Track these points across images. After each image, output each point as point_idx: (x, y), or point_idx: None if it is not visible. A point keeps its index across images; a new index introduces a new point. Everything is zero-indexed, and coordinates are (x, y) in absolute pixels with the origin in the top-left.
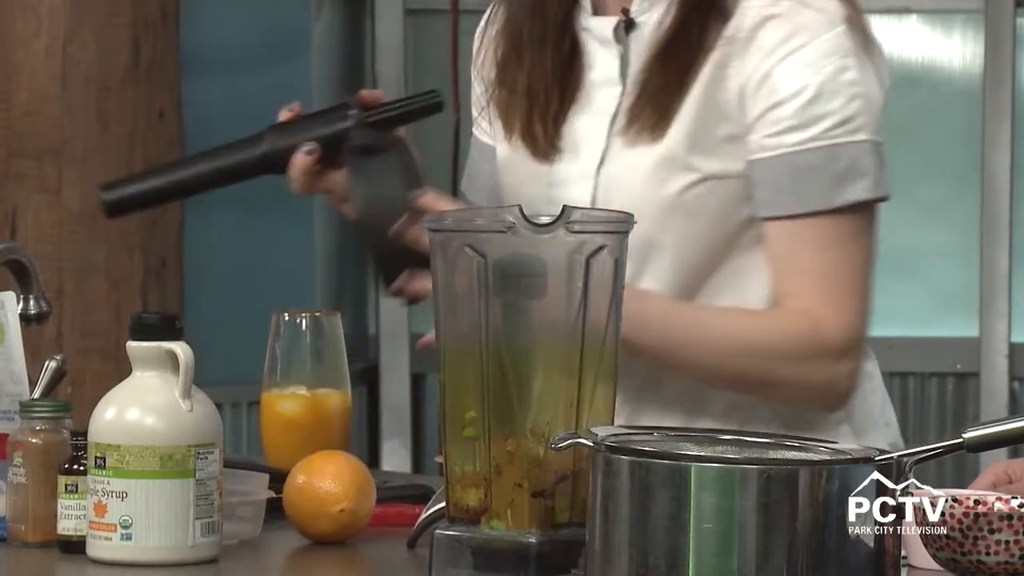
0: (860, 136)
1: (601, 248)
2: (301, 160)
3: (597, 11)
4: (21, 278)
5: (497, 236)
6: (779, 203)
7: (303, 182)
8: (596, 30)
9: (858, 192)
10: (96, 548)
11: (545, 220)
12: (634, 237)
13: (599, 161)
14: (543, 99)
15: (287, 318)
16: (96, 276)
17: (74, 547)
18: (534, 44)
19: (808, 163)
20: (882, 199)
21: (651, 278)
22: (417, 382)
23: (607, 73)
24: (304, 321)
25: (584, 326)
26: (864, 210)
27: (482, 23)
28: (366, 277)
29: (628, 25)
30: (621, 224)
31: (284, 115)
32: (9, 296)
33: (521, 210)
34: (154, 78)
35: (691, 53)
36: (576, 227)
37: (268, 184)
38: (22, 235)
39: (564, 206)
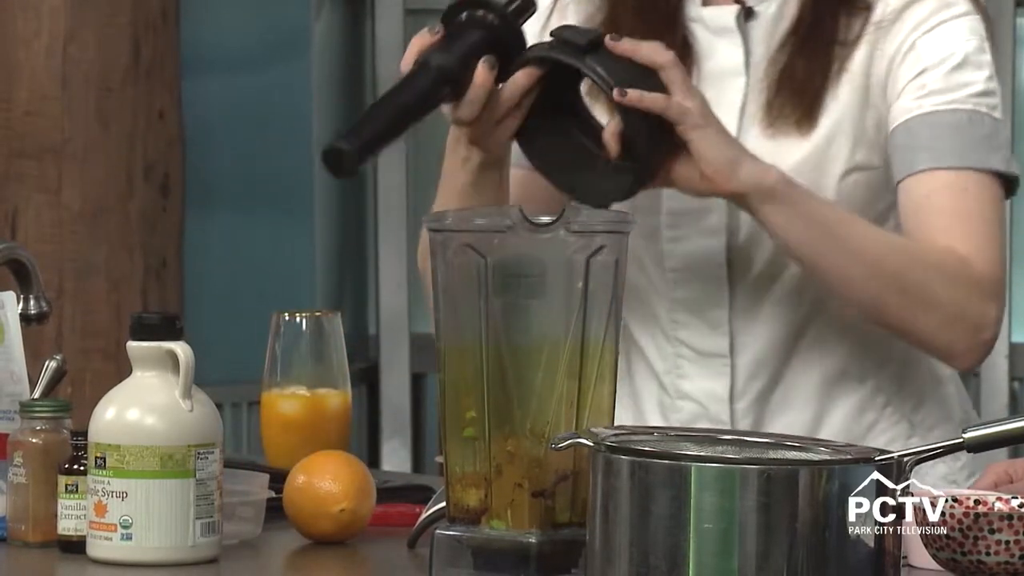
0: (997, 114)
1: (601, 248)
2: (483, 75)
3: (708, 1)
4: (21, 278)
5: (497, 236)
6: (917, 159)
7: (481, 98)
8: (712, 20)
9: (996, 161)
10: (96, 548)
11: (545, 220)
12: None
13: None
14: None
15: (287, 318)
16: (96, 276)
17: (74, 547)
18: (644, 34)
19: (950, 122)
20: (1015, 181)
21: (795, 278)
22: (417, 382)
23: (728, 64)
24: (304, 321)
25: (584, 326)
26: (998, 184)
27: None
28: (366, 277)
29: (747, 14)
30: (621, 224)
31: (426, 38)
32: (9, 296)
33: (521, 210)
34: (154, 78)
35: (831, 46)
36: (576, 227)
37: (269, 184)
38: (22, 235)
39: (564, 207)
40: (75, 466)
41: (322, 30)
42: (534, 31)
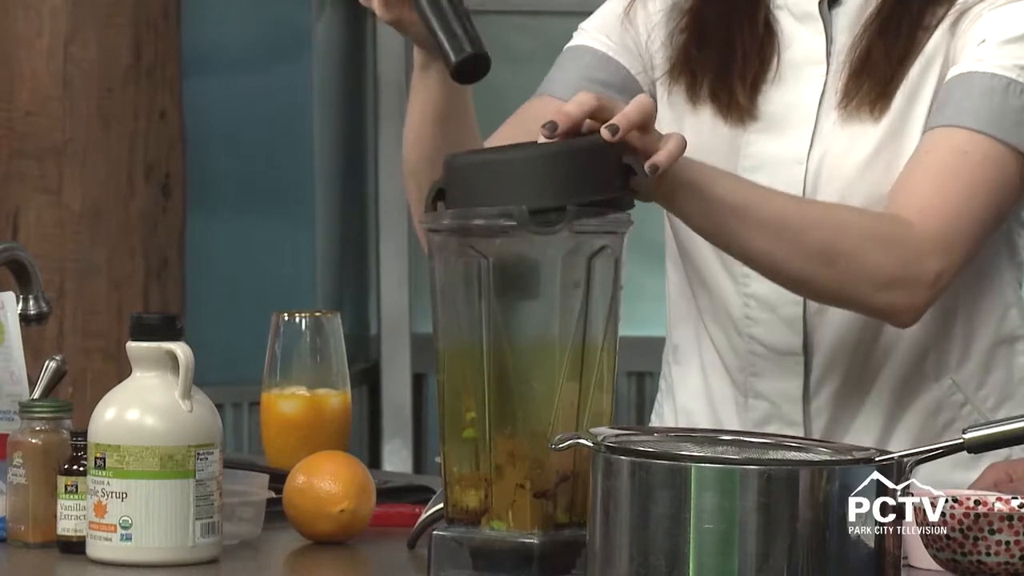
0: None
1: (602, 248)
2: None
3: None
4: (21, 278)
5: (497, 236)
6: (942, 115)
7: None
8: (796, 6)
9: (1015, 136)
10: (96, 548)
11: (545, 220)
12: None
13: (809, 144)
14: (740, 65)
15: (287, 318)
16: (97, 276)
17: (74, 547)
18: (724, 22)
19: (984, 84)
20: None
21: None
22: (418, 382)
23: (809, 52)
24: (304, 321)
25: (585, 326)
26: (1012, 159)
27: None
28: (367, 277)
29: (832, 1)
30: (621, 225)
31: None
32: (9, 296)
33: (522, 211)
34: (155, 78)
35: (914, 30)
36: (576, 227)
37: (270, 185)
38: (23, 235)
39: (566, 207)
40: (75, 466)
41: (323, 30)
42: (616, 13)
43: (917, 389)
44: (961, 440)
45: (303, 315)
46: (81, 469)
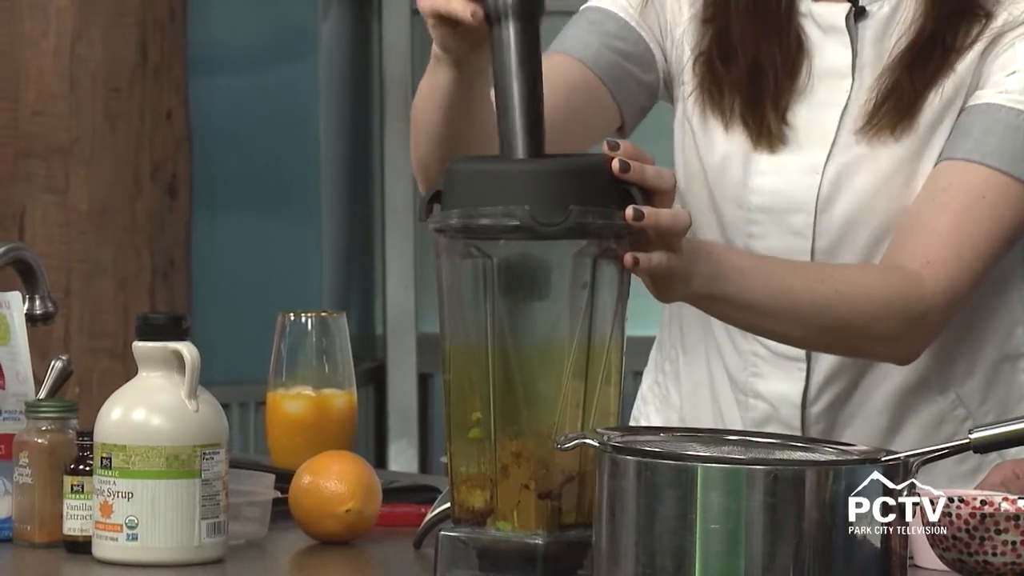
0: None
1: (608, 249)
2: None
3: None
4: (27, 278)
5: (503, 236)
6: (960, 146)
7: None
8: (822, 17)
9: None
10: (102, 548)
11: (551, 220)
12: (860, 238)
13: (827, 155)
14: (772, 87)
15: (293, 318)
16: (104, 276)
17: (80, 547)
18: (754, 32)
19: (1008, 120)
20: None
21: None
22: (424, 382)
23: (836, 64)
24: (310, 321)
25: (591, 327)
26: None
27: None
28: (373, 277)
29: (858, 13)
30: (627, 225)
31: None
32: (15, 296)
33: (528, 211)
34: (162, 78)
35: (945, 54)
36: (582, 227)
37: (276, 184)
38: (30, 235)
39: (570, 207)
40: (81, 466)
41: (329, 30)
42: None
43: (919, 401)
44: (967, 440)
45: (309, 315)
46: (87, 469)
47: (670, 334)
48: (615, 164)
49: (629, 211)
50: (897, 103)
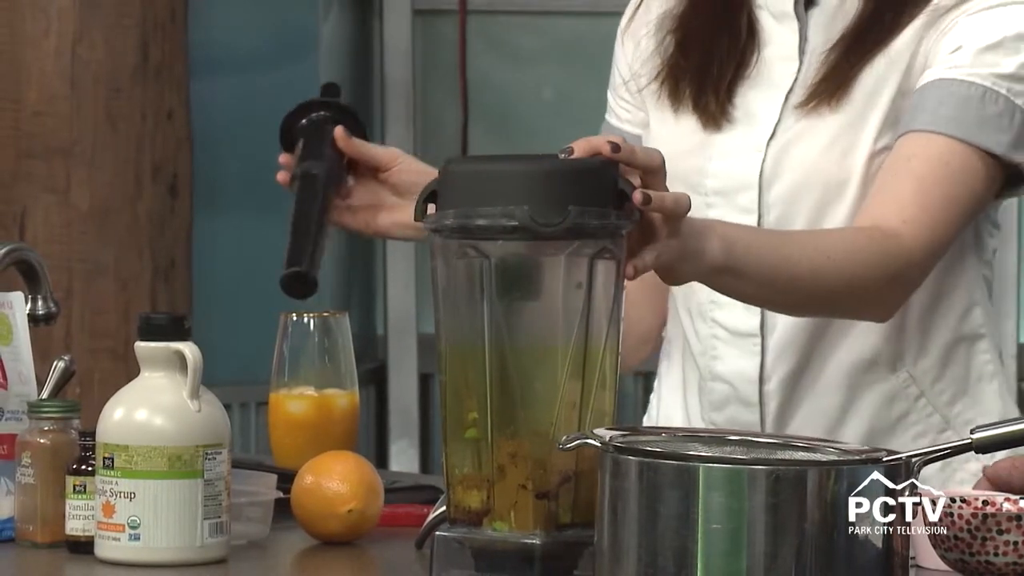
0: (1019, 101)
1: (604, 249)
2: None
3: None
4: (29, 278)
5: (502, 237)
6: (918, 119)
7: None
8: (773, 5)
9: (996, 143)
10: (104, 548)
11: (548, 221)
12: (804, 209)
13: (771, 133)
14: (716, 72)
15: (295, 318)
16: (105, 276)
17: (82, 547)
18: (710, 22)
19: (961, 92)
20: (1016, 170)
21: None
22: (425, 382)
23: (784, 49)
24: (312, 321)
25: (587, 327)
26: (992, 166)
27: (630, 10)
28: (374, 277)
29: (808, 1)
30: (624, 225)
31: (287, 156)
32: (17, 296)
33: (527, 211)
34: (163, 78)
35: (883, 35)
36: (579, 228)
37: (277, 185)
38: (31, 235)
39: (569, 208)
40: (83, 466)
41: (330, 31)
42: (620, 27)
43: (871, 378)
44: (969, 440)
45: (311, 315)
46: (89, 469)
47: (667, 333)
48: (606, 146)
49: (638, 195)
50: (834, 79)
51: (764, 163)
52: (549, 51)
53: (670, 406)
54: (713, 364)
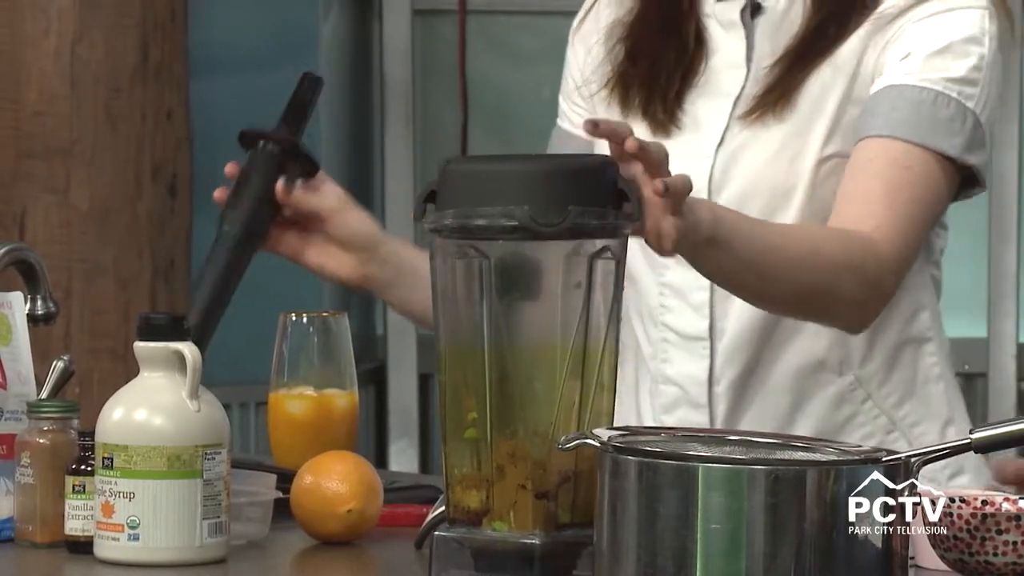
0: (971, 104)
1: (603, 249)
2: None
3: None
4: (29, 278)
5: (502, 237)
6: (873, 124)
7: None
8: (721, 14)
9: (951, 146)
10: (103, 548)
11: (547, 221)
12: (752, 214)
13: (719, 141)
14: (664, 80)
15: (295, 318)
16: (104, 276)
17: (82, 547)
18: (658, 31)
19: (913, 97)
20: (969, 172)
21: None
22: (425, 382)
23: (732, 57)
24: (312, 321)
25: (587, 327)
26: (949, 169)
27: (582, 13)
28: None
29: (754, 9)
30: (623, 225)
31: (221, 192)
32: (16, 296)
33: (527, 211)
34: (163, 78)
35: (827, 45)
36: (578, 228)
37: None
38: (31, 235)
39: (569, 208)
40: (82, 466)
41: (330, 31)
42: (572, 28)
43: (819, 381)
44: (968, 440)
45: (310, 315)
46: (89, 469)
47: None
48: (629, 142)
49: (658, 183)
50: (779, 90)
51: (713, 169)
52: (549, 51)
53: (624, 408)
54: (663, 367)
